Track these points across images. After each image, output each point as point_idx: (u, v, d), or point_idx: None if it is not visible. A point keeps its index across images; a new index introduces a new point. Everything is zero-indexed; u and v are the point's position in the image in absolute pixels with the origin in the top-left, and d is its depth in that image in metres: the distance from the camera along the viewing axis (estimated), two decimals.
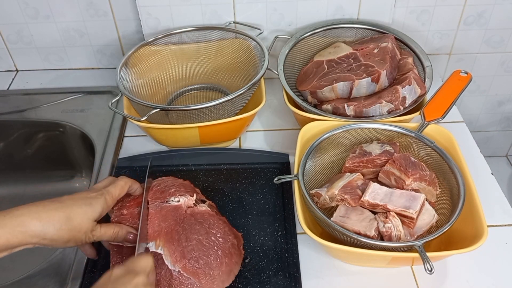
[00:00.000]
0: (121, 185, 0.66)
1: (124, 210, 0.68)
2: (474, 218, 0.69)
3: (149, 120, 0.83)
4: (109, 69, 1.15)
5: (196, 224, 0.69)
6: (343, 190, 0.73)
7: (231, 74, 1.02)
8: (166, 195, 0.71)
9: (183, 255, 0.65)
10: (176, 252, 0.65)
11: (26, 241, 0.55)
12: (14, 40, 1.10)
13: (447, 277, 0.73)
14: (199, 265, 0.65)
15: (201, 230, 0.68)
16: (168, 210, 0.69)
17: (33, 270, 0.74)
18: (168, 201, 0.71)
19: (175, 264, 0.64)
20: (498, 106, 1.27)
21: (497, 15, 1.07)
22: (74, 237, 0.59)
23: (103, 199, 0.62)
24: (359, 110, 0.85)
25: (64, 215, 0.57)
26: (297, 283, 0.71)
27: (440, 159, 0.77)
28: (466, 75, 0.90)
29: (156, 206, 0.70)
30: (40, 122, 1.03)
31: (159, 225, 0.67)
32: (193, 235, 0.67)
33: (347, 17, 1.03)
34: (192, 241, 0.66)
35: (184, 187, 0.74)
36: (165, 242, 0.66)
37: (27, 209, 0.56)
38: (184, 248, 0.66)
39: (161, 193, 0.72)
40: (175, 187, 0.73)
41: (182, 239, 0.66)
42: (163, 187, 0.73)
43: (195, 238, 0.67)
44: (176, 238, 0.66)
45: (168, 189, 0.72)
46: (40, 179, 1.09)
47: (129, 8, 1.04)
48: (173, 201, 0.71)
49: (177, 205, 0.70)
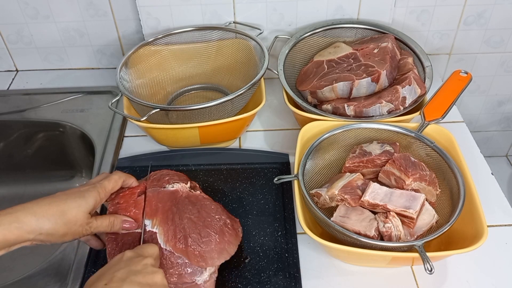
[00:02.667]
0: (115, 179, 0.67)
1: (120, 199, 0.69)
2: (474, 218, 0.69)
3: (149, 120, 0.83)
4: (109, 69, 1.15)
5: (189, 205, 0.70)
6: (343, 190, 0.73)
7: (231, 74, 1.02)
8: (163, 183, 0.73)
9: (174, 234, 0.66)
10: (169, 231, 0.66)
11: (23, 237, 0.56)
12: (14, 40, 1.10)
13: (447, 277, 0.73)
14: (187, 243, 0.66)
15: (193, 210, 0.70)
16: (165, 193, 0.71)
17: (33, 270, 0.74)
18: (165, 187, 0.72)
19: (167, 243, 0.65)
20: (498, 106, 1.27)
21: (497, 15, 1.07)
22: (70, 230, 0.60)
23: (96, 191, 0.64)
24: (359, 110, 0.85)
25: (58, 209, 0.59)
26: (297, 283, 0.71)
27: (440, 159, 0.77)
28: (466, 75, 0.90)
29: (154, 190, 0.71)
30: (40, 122, 1.03)
31: (156, 205, 0.69)
32: (185, 215, 0.68)
33: (347, 17, 1.03)
34: (183, 220, 0.68)
35: (178, 176, 0.76)
36: (161, 221, 0.67)
37: (21, 206, 0.57)
38: (176, 227, 0.67)
39: (157, 181, 0.73)
40: (169, 176, 0.74)
41: (176, 218, 0.68)
42: (159, 176, 0.75)
43: (186, 217, 0.68)
44: (171, 218, 0.68)
45: (163, 177, 0.74)
46: (40, 179, 1.09)
47: (129, 8, 1.04)
48: (169, 187, 0.72)
49: (174, 189, 0.72)
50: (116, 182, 0.67)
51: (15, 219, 0.55)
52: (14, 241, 0.56)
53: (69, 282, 0.72)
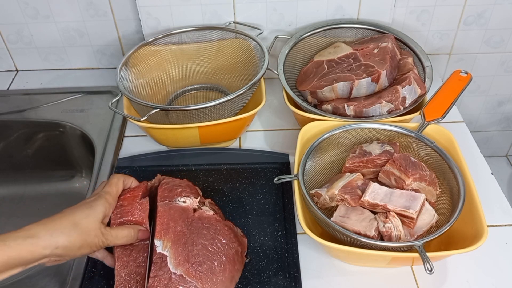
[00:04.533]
0: (114, 182, 0.68)
1: (124, 202, 0.69)
2: (474, 218, 0.69)
3: (149, 120, 0.83)
4: (109, 69, 1.15)
5: (203, 229, 0.69)
6: (343, 190, 0.73)
7: (231, 74, 1.02)
8: (174, 195, 0.72)
9: (187, 258, 0.65)
10: (181, 255, 0.65)
11: (39, 252, 0.55)
12: (14, 40, 1.10)
13: (447, 277, 0.73)
14: (202, 270, 0.65)
15: (208, 235, 0.69)
16: (176, 210, 0.70)
17: (33, 270, 0.75)
18: (175, 200, 0.71)
19: (178, 268, 0.64)
20: (498, 106, 1.27)
21: (497, 15, 1.07)
22: (85, 242, 0.59)
23: (102, 199, 0.64)
24: (359, 110, 0.85)
25: (69, 221, 0.59)
26: (297, 283, 0.71)
27: (440, 159, 0.77)
28: (466, 75, 0.90)
29: (165, 204, 0.70)
30: (40, 122, 1.03)
31: (167, 223, 0.68)
32: (199, 240, 0.67)
33: (347, 17, 1.03)
34: (197, 246, 0.67)
35: (189, 188, 0.75)
36: (172, 244, 0.66)
37: (32, 224, 0.57)
38: (189, 252, 0.66)
39: (169, 192, 0.72)
40: (181, 187, 0.73)
41: (188, 242, 0.67)
42: (171, 186, 0.73)
43: (201, 243, 0.67)
44: (183, 241, 0.67)
45: (175, 189, 0.73)
46: (40, 179, 1.09)
47: (129, 8, 1.04)
48: (180, 201, 0.71)
49: (185, 206, 0.71)
50: (117, 184, 0.68)
51: (29, 235, 0.55)
52: (30, 258, 0.55)
53: (69, 282, 0.72)
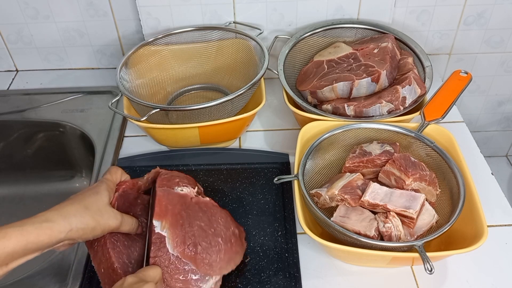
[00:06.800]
0: (114, 171, 0.70)
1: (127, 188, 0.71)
2: (474, 218, 0.69)
3: (149, 120, 0.83)
4: (109, 69, 1.15)
5: (200, 212, 0.70)
6: (343, 190, 0.73)
7: (231, 74, 1.02)
8: (172, 184, 0.73)
9: (183, 240, 0.66)
10: (178, 237, 0.66)
11: (55, 236, 0.56)
12: (14, 40, 1.10)
13: (447, 277, 0.74)
14: (197, 251, 0.65)
15: (204, 217, 0.69)
16: (175, 196, 0.71)
17: (33, 270, 0.74)
18: (174, 188, 0.72)
19: (175, 249, 0.65)
20: (498, 106, 1.27)
21: (497, 15, 1.06)
22: (99, 224, 0.61)
23: (105, 184, 0.66)
24: (359, 110, 0.85)
25: (80, 205, 0.60)
26: (297, 283, 0.71)
27: (440, 159, 0.77)
28: (466, 75, 0.90)
29: (164, 190, 0.71)
30: (40, 122, 1.03)
31: (166, 206, 0.68)
32: (196, 221, 0.68)
33: (347, 17, 1.03)
34: (193, 227, 0.67)
35: (187, 180, 0.75)
36: (170, 225, 0.67)
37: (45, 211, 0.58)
38: (186, 233, 0.66)
39: (167, 181, 0.73)
40: (179, 178, 0.74)
41: (185, 224, 0.67)
42: (170, 176, 0.74)
43: (197, 224, 0.68)
44: (180, 223, 0.67)
45: (174, 179, 0.74)
46: (40, 179, 1.09)
47: (129, 8, 1.04)
48: (178, 189, 0.72)
49: (183, 193, 0.72)
50: (116, 172, 0.70)
51: (45, 219, 0.56)
52: (47, 242, 0.56)
53: (69, 282, 0.72)
